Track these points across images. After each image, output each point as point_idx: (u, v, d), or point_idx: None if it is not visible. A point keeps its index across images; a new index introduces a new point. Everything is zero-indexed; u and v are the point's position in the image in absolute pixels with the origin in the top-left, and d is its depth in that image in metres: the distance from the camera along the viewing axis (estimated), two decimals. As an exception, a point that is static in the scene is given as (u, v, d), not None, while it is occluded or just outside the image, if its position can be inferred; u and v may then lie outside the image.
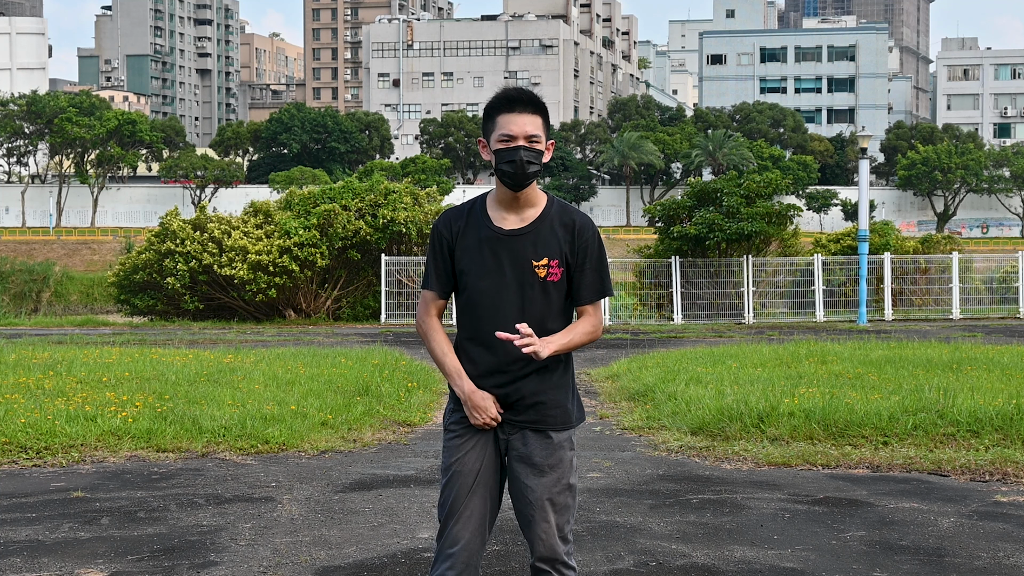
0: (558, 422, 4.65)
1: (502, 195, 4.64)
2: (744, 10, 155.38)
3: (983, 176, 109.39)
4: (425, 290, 4.75)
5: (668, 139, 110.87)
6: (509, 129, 4.55)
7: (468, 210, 4.70)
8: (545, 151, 4.60)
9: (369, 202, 31.00)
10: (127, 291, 31.54)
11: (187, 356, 17.00)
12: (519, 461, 4.64)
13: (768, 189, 31.70)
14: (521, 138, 4.54)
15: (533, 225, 4.61)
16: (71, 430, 10.52)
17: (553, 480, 4.63)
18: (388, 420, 12.17)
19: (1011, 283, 33.33)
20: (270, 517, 7.99)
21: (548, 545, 4.65)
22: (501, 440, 4.66)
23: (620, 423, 12.27)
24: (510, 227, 4.61)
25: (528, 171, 4.54)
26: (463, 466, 4.64)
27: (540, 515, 4.64)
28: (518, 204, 4.63)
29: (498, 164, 4.57)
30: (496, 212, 4.65)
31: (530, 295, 4.58)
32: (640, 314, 31.09)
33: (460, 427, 4.68)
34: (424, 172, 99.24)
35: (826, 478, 9.35)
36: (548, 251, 4.59)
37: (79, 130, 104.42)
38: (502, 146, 4.56)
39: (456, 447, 4.66)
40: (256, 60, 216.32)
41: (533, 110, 4.57)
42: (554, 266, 4.59)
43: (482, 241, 4.61)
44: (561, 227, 4.62)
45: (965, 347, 18.35)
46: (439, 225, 4.70)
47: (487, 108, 4.62)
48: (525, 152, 4.53)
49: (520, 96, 4.57)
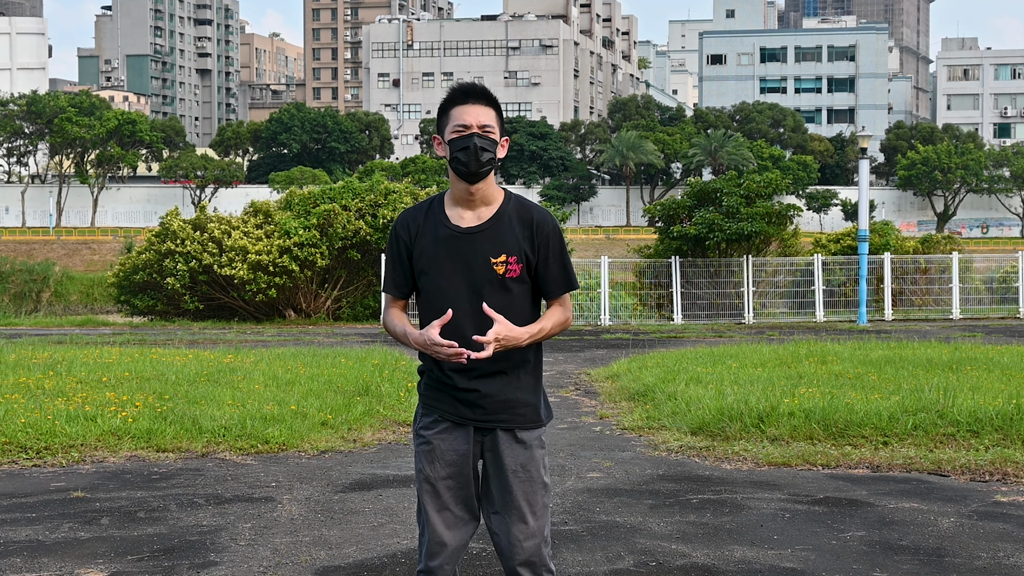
0: (528, 421, 4.60)
1: (458, 192, 4.58)
2: (744, 10, 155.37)
3: (983, 176, 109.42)
4: (385, 293, 4.74)
5: (668, 139, 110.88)
6: (463, 119, 4.52)
7: (426, 209, 4.64)
8: (500, 145, 4.56)
9: (369, 202, 31.00)
10: (127, 291, 31.55)
11: (187, 356, 17.00)
12: (492, 464, 4.60)
13: (768, 189, 31.71)
14: (475, 127, 4.51)
15: (491, 222, 4.56)
16: (71, 430, 10.52)
17: (526, 479, 4.58)
18: (388, 420, 12.17)
19: (1011, 283, 33.33)
20: (270, 517, 7.99)
21: (528, 547, 4.58)
22: (475, 443, 4.61)
23: (620, 423, 12.26)
24: (467, 225, 4.56)
25: (482, 159, 4.49)
26: (436, 472, 4.59)
27: (517, 516, 4.58)
28: (475, 201, 4.57)
29: (453, 154, 4.52)
30: (453, 210, 4.59)
31: (489, 292, 4.51)
32: (640, 314, 31.08)
33: (429, 432, 4.62)
34: (424, 172, 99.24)
35: (826, 478, 9.35)
36: (506, 248, 4.53)
37: (79, 130, 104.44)
38: (456, 135, 4.52)
39: (427, 452, 4.61)
40: (256, 60, 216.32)
41: (486, 102, 4.55)
42: (512, 262, 4.53)
43: (439, 240, 4.55)
44: (519, 223, 4.56)
45: (965, 347, 18.34)
46: (397, 227, 4.66)
47: (441, 105, 4.60)
48: (479, 139, 4.48)
49: (474, 89, 4.56)
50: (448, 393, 4.59)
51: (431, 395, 4.64)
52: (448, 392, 4.59)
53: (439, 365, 4.58)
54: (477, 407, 4.57)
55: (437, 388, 4.62)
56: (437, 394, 4.62)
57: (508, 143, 4.67)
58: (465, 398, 4.56)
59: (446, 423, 4.61)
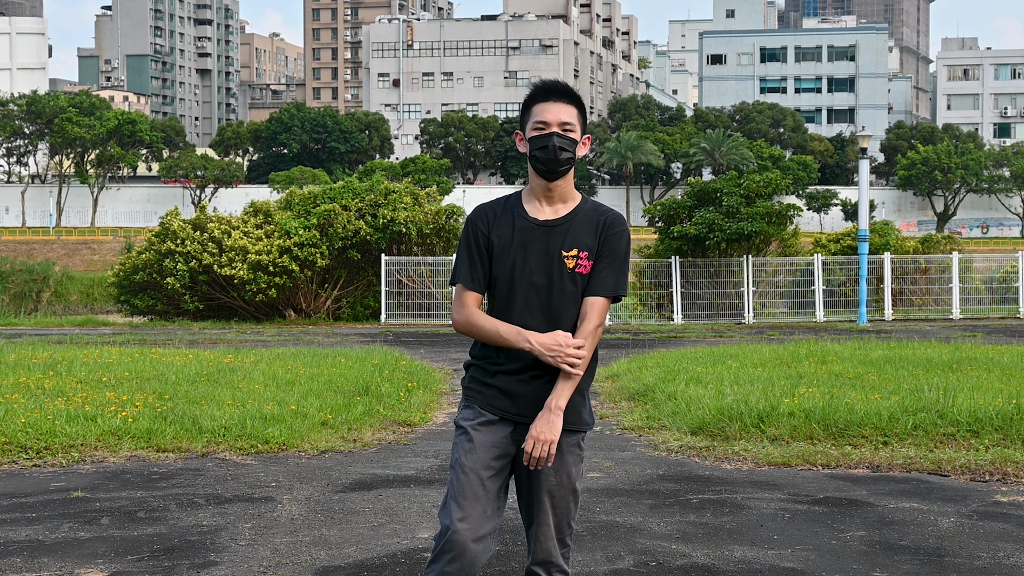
0: (571, 423, 4.62)
1: (536, 187, 4.65)
2: (744, 10, 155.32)
3: (983, 176, 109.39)
4: (458, 285, 4.68)
5: (668, 139, 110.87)
6: (543, 116, 4.58)
7: (503, 203, 4.70)
8: (580, 144, 4.61)
9: (369, 202, 31.01)
10: (127, 291, 31.54)
11: (187, 356, 16.99)
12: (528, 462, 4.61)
13: (768, 189, 31.70)
14: (555, 125, 4.56)
15: (567, 217, 4.62)
16: (71, 430, 10.52)
17: (558, 484, 4.62)
18: (388, 420, 12.17)
19: (1011, 283, 33.33)
20: (270, 517, 7.99)
21: (545, 548, 4.65)
22: (513, 441, 4.62)
23: (620, 423, 12.26)
24: (544, 218, 4.62)
25: (560, 157, 4.55)
26: (472, 462, 4.57)
27: (542, 517, 4.63)
28: (552, 197, 4.64)
29: (532, 151, 4.60)
30: (531, 204, 4.66)
31: (559, 286, 4.56)
32: (640, 314, 31.09)
33: (469, 423, 4.62)
34: (424, 172, 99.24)
35: (826, 478, 9.35)
36: (579, 243, 4.59)
37: (79, 130, 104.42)
38: (536, 133, 4.58)
39: (465, 442, 4.61)
40: (256, 60, 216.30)
41: (568, 100, 4.61)
42: (583, 258, 4.58)
43: (516, 231, 4.60)
44: (593, 222, 4.62)
45: (965, 347, 18.34)
46: (474, 218, 4.68)
47: (525, 100, 4.66)
48: (559, 139, 4.54)
49: (556, 86, 4.61)
50: (495, 388, 4.61)
51: (476, 388, 4.66)
52: (494, 388, 4.61)
53: (502, 355, 4.57)
54: (521, 404, 4.58)
55: (483, 383, 4.64)
56: (483, 388, 4.64)
57: (590, 141, 4.73)
58: (512, 392, 4.58)
59: (485, 416, 4.62)
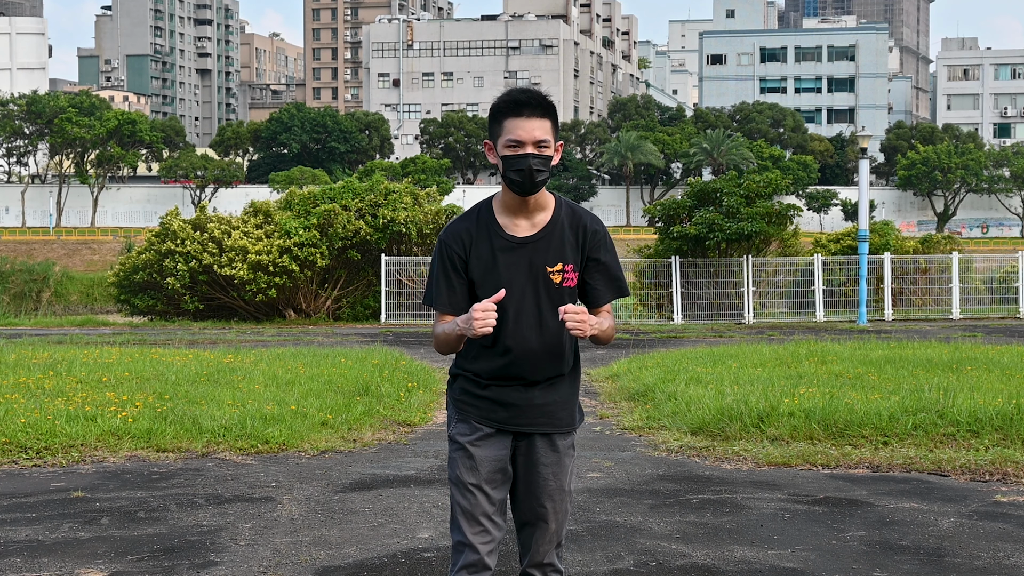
0: (564, 425, 4.60)
1: (510, 200, 4.47)
2: (744, 10, 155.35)
3: (983, 176, 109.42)
4: (436, 309, 4.53)
5: (668, 139, 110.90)
6: (517, 135, 4.36)
7: (476, 219, 4.50)
8: (554, 155, 4.44)
9: (369, 202, 31.00)
10: (127, 291, 31.53)
11: (187, 356, 16.99)
12: (524, 467, 4.60)
13: (768, 189, 31.70)
14: (529, 144, 4.36)
15: (546, 230, 4.47)
16: (71, 430, 10.52)
17: (556, 488, 4.61)
18: (388, 420, 12.17)
19: (1011, 283, 33.32)
20: (270, 517, 7.99)
21: (543, 550, 4.64)
22: (508, 448, 4.58)
23: (620, 423, 12.26)
24: (523, 234, 4.46)
25: (537, 180, 4.38)
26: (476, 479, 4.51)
27: (541, 521, 4.63)
28: (527, 209, 4.47)
29: (506, 171, 4.40)
30: (505, 219, 4.48)
31: (547, 303, 4.45)
32: (640, 314, 31.07)
33: (466, 439, 4.54)
34: (424, 172, 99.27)
35: (826, 478, 9.35)
36: (562, 257, 4.46)
37: (79, 130, 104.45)
38: (510, 152, 4.37)
39: (465, 460, 4.53)
40: (256, 60, 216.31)
41: (542, 113, 4.39)
42: (569, 271, 4.47)
43: (495, 251, 4.45)
44: (572, 231, 4.49)
45: (965, 347, 18.34)
46: (447, 240, 4.48)
47: (493, 110, 4.43)
48: (534, 160, 4.35)
49: (528, 99, 4.37)
50: (488, 400, 4.52)
51: (467, 400, 4.56)
52: (487, 400, 4.52)
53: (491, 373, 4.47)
54: (515, 412, 4.52)
55: (474, 395, 4.54)
56: (476, 400, 4.54)
57: (563, 147, 4.56)
58: (507, 401, 4.50)
59: (483, 430, 4.53)
